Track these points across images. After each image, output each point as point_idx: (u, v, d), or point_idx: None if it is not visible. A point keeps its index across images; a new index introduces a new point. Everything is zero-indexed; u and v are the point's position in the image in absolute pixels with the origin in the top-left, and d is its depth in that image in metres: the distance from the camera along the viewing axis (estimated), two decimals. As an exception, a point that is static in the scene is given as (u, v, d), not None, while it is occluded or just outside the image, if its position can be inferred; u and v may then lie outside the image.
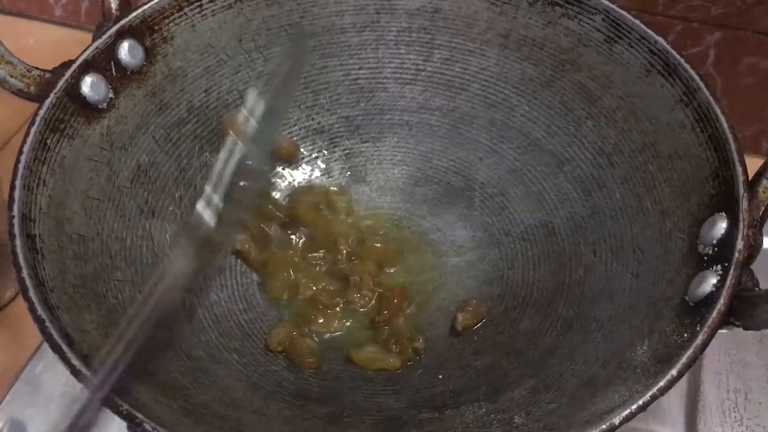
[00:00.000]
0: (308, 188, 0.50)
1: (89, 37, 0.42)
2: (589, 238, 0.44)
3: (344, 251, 0.47)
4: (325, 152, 0.51)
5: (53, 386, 0.47)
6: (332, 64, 0.49)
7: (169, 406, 0.34)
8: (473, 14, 0.47)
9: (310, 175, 0.51)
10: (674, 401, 0.47)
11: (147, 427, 0.31)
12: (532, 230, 0.47)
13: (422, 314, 0.46)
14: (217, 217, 0.38)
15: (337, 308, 0.46)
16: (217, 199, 0.37)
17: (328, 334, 0.45)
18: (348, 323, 0.46)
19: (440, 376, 0.42)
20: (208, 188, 0.38)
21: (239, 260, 0.47)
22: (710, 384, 0.47)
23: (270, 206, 0.48)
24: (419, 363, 0.43)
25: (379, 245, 0.48)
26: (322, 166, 0.51)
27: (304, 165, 0.51)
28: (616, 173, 0.43)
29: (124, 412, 0.31)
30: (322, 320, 0.45)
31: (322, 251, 0.48)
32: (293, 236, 0.48)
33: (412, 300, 0.46)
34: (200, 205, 0.37)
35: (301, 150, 0.51)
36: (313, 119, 0.50)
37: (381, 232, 0.49)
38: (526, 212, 0.47)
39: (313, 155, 0.51)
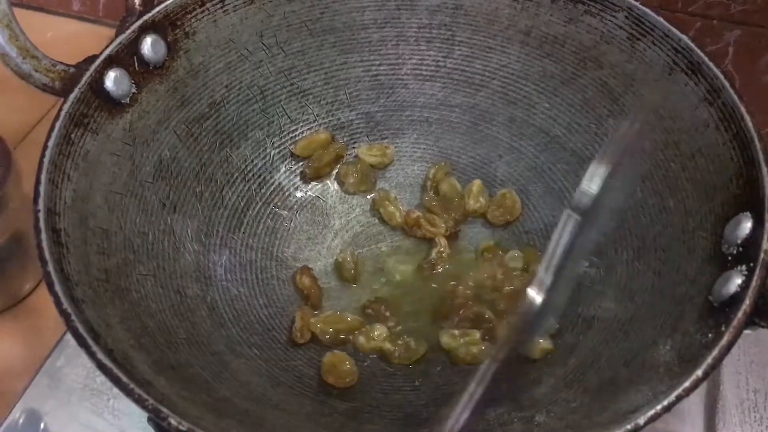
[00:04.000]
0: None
1: (107, 31, 0.42)
2: (610, 236, 0.44)
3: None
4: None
5: (74, 380, 0.47)
6: (353, 60, 0.49)
7: (193, 400, 0.34)
8: (494, 11, 0.47)
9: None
10: (693, 401, 0.46)
11: (172, 421, 0.31)
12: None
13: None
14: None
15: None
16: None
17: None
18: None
19: (460, 373, 0.42)
20: None
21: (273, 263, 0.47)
22: (730, 384, 0.47)
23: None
24: (439, 359, 0.43)
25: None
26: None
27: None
28: (637, 171, 0.43)
29: (150, 407, 0.31)
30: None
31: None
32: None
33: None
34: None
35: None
36: (333, 115, 0.50)
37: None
38: (546, 210, 0.47)
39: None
